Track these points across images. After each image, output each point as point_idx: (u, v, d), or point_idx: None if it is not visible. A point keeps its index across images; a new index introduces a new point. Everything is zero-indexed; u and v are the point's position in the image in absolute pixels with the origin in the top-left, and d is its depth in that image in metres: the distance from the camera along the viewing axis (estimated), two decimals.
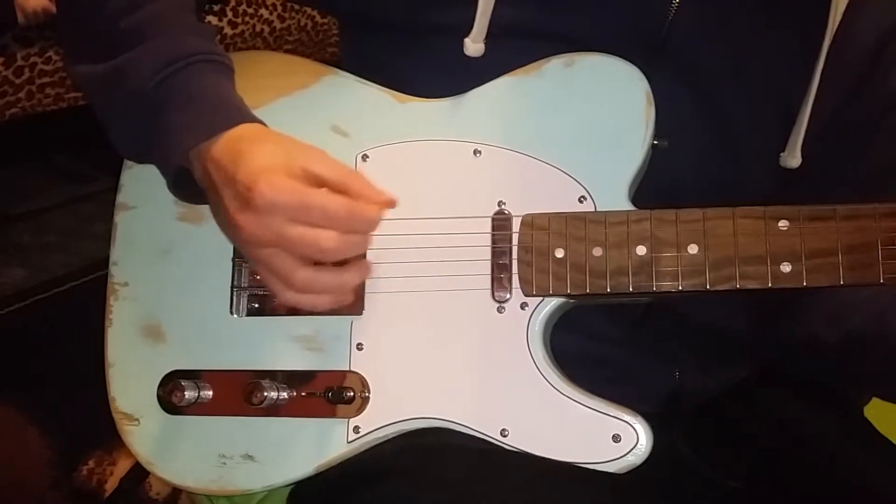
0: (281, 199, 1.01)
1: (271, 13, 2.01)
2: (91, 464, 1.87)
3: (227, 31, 1.94)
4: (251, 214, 1.03)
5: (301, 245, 1.03)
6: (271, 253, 1.05)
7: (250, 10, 1.98)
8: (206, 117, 1.09)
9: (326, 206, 1.01)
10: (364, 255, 1.12)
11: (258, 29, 2.00)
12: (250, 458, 1.14)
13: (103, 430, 1.23)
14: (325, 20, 2.11)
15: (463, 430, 1.09)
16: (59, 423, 1.85)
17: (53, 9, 1.71)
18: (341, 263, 1.07)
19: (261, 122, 1.12)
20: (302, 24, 2.08)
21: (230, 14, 1.95)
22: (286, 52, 2.06)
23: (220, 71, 1.14)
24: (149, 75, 1.10)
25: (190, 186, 1.13)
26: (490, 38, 1.14)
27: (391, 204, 1.07)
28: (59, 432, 1.85)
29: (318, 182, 1.04)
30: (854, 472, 1.19)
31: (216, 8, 1.87)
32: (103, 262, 1.28)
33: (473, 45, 1.14)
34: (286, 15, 2.04)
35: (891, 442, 1.25)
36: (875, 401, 1.33)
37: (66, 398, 1.83)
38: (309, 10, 2.07)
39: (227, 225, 1.08)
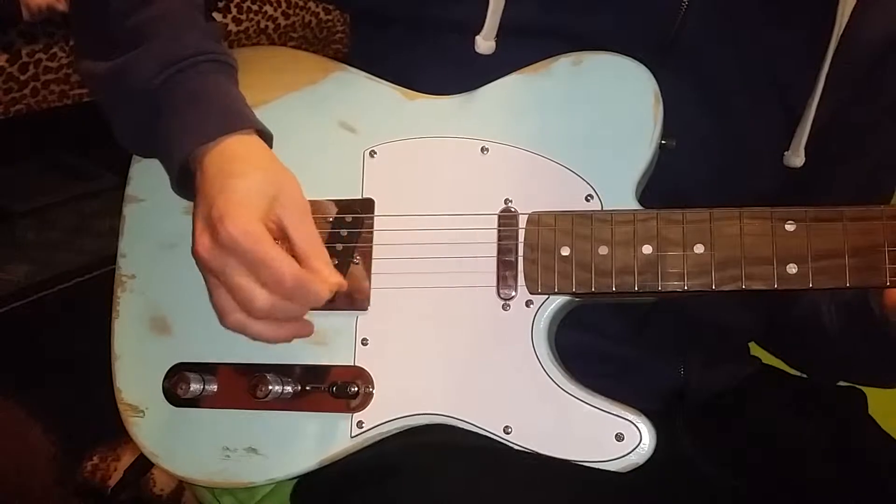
0: (241, 245, 1.03)
1: (276, 10, 2.01)
2: (95, 460, 1.87)
3: (232, 27, 1.94)
4: (211, 243, 1.05)
5: (236, 293, 1.06)
6: (215, 283, 1.07)
7: (255, 7, 1.97)
8: (206, 120, 1.10)
9: (278, 269, 1.03)
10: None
11: (262, 25, 1.99)
12: (254, 451, 1.14)
13: (107, 427, 1.24)
14: (330, 17, 2.11)
15: (466, 427, 1.09)
16: (62, 420, 1.85)
17: (58, 5, 1.72)
18: None
19: (262, 125, 1.13)
20: (306, 20, 2.08)
21: (234, 11, 1.94)
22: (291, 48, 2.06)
23: (223, 71, 1.14)
24: (153, 74, 1.11)
25: (192, 184, 1.14)
26: (500, 36, 1.15)
27: (342, 288, 1.09)
28: (63, 428, 1.85)
29: (287, 239, 1.07)
30: (858, 470, 1.19)
31: (220, 4, 1.87)
32: (107, 259, 1.28)
33: (484, 43, 1.15)
34: (290, 12, 2.04)
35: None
36: (879, 399, 1.33)
37: (70, 395, 1.82)
38: (313, 6, 2.07)
39: (192, 235, 1.09)
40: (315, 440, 1.13)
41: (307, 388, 1.14)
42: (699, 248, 1.05)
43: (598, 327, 1.19)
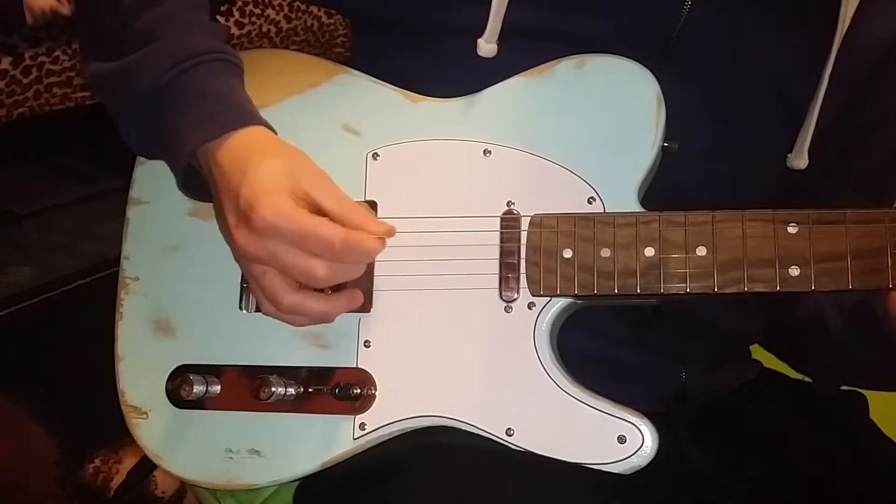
0: (280, 225, 1.03)
1: (278, 13, 2.01)
2: (97, 462, 1.87)
3: (234, 31, 1.94)
4: (248, 232, 1.05)
5: (293, 272, 1.05)
6: (263, 271, 1.07)
7: (257, 11, 1.98)
8: (214, 117, 1.10)
9: (324, 236, 1.03)
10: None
11: (265, 29, 2.00)
12: (257, 452, 1.14)
13: (109, 429, 1.24)
14: (332, 21, 2.12)
15: (468, 429, 1.09)
16: (64, 422, 1.85)
17: (62, 9, 1.73)
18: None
19: (267, 124, 1.13)
20: (308, 24, 2.08)
21: (237, 14, 1.95)
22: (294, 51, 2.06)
23: (229, 70, 1.15)
24: (159, 74, 1.11)
25: (198, 184, 1.14)
26: (502, 38, 1.15)
27: (391, 233, 1.09)
28: (65, 431, 1.85)
29: (320, 209, 1.06)
30: (859, 473, 1.19)
31: (223, 8, 1.87)
32: (110, 262, 1.28)
33: (487, 46, 1.15)
34: (293, 15, 2.04)
35: None
36: (880, 403, 1.33)
37: (73, 397, 1.83)
38: (315, 10, 2.07)
39: (225, 233, 1.10)
40: (318, 442, 1.13)
41: (310, 389, 1.14)
42: (701, 251, 1.05)
43: (600, 330, 1.19)
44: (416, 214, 1.15)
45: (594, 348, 1.19)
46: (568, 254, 1.09)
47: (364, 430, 1.12)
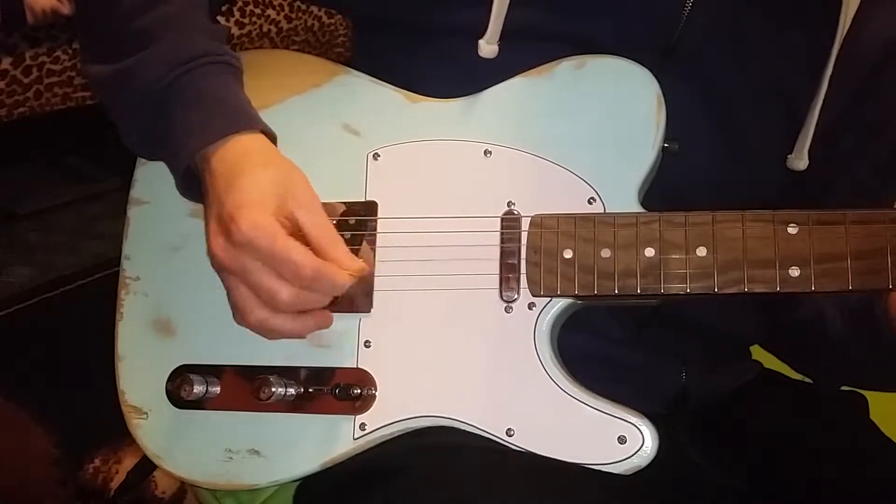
0: (255, 241, 1.03)
1: (278, 13, 2.01)
2: (97, 462, 1.87)
3: (234, 31, 1.94)
4: (225, 243, 1.05)
5: (259, 291, 1.06)
6: (234, 283, 1.07)
7: (257, 11, 1.98)
8: (211, 120, 1.10)
9: (295, 261, 1.03)
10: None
11: (265, 29, 2.00)
12: (257, 453, 1.14)
13: (109, 429, 1.24)
14: (332, 21, 2.12)
15: (469, 430, 1.09)
16: (65, 422, 1.85)
17: (62, 9, 1.73)
18: None
19: (266, 127, 1.13)
20: (309, 24, 2.08)
21: (237, 14, 1.95)
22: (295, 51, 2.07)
23: (228, 72, 1.15)
24: (158, 76, 1.11)
25: (198, 186, 1.14)
26: (503, 39, 1.15)
27: (363, 272, 1.09)
28: (65, 431, 1.85)
29: (300, 232, 1.07)
30: (859, 474, 1.19)
31: (223, 8, 1.87)
32: (110, 262, 1.28)
33: (488, 47, 1.15)
34: (293, 15, 2.04)
35: None
36: (880, 403, 1.33)
37: (73, 397, 1.83)
38: (316, 10, 2.07)
39: (205, 238, 1.10)
40: (318, 442, 1.13)
41: (310, 390, 1.14)
42: (701, 251, 1.06)
43: (600, 330, 1.19)
44: (416, 215, 1.15)
45: (594, 348, 1.19)
46: (568, 254, 1.09)
47: (364, 430, 1.12)
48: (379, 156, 1.18)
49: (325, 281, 1.05)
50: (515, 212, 1.13)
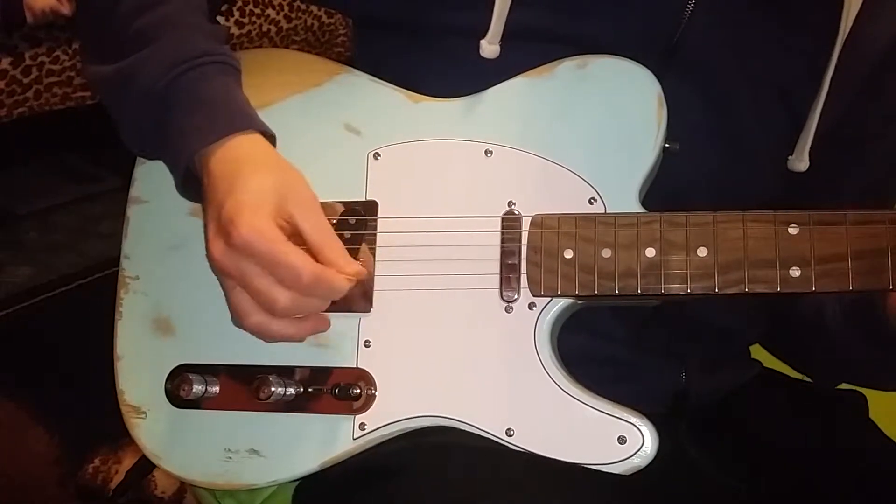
0: (254, 245, 1.03)
1: (278, 13, 2.02)
2: (97, 462, 1.87)
3: (234, 31, 1.95)
4: (224, 246, 1.05)
5: (257, 297, 1.06)
6: (232, 286, 1.07)
7: (257, 10, 1.98)
8: (211, 121, 1.10)
9: (293, 265, 1.03)
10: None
11: (265, 29, 2.00)
12: (256, 452, 1.14)
13: (109, 429, 1.24)
14: (332, 20, 2.12)
15: (469, 430, 1.09)
16: (64, 422, 1.85)
17: (62, 9, 1.73)
18: None
19: (265, 127, 1.13)
20: (308, 24, 2.08)
21: (237, 14, 1.96)
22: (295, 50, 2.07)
23: (228, 73, 1.15)
24: (157, 76, 1.11)
25: (197, 186, 1.14)
26: (505, 39, 1.15)
27: (361, 276, 1.09)
28: (65, 431, 1.85)
29: (299, 235, 1.07)
30: (859, 473, 1.19)
31: (223, 8, 1.88)
32: (110, 262, 1.28)
33: (489, 47, 1.15)
34: (293, 15, 2.05)
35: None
36: (880, 403, 1.33)
37: (72, 397, 1.83)
38: (315, 10, 2.07)
39: (204, 239, 1.09)
40: (317, 442, 1.13)
41: (309, 389, 1.14)
42: (702, 252, 1.05)
43: (600, 330, 1.19)
44: (416, 214, 1.15)
45: (594, 348, 1.19)
46: (569, 254, 1.09)
47: (364, 430, 1.12)
48: (379, 155, 1.18)
49: (324, 286, 1.05)
50: (516, 212, 1.12)
